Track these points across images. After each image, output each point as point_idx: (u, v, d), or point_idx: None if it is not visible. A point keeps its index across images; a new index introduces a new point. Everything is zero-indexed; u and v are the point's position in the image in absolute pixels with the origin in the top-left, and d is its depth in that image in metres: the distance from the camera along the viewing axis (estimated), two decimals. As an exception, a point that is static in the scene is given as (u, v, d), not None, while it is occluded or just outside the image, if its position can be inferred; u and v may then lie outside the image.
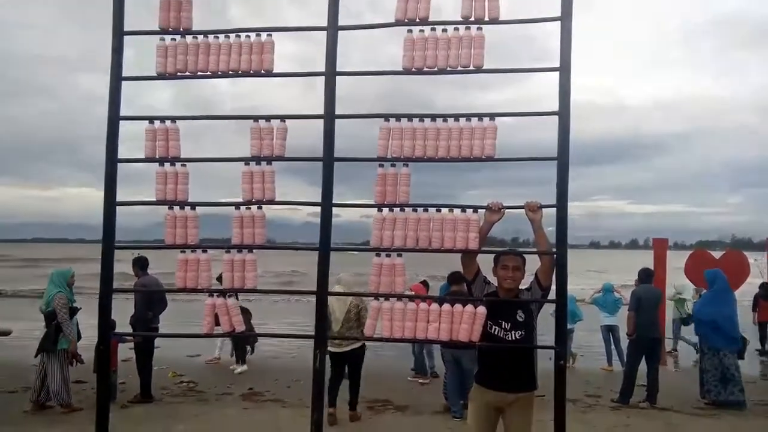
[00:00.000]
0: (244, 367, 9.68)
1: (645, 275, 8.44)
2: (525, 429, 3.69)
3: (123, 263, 5.67)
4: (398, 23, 3.60)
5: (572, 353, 10.36)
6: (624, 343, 9.20)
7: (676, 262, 12.05)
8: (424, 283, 10.33)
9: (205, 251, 3.68)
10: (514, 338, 3.64)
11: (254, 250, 3.68)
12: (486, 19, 3.50)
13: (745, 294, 11.95)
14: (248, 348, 10.37)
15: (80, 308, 6.94)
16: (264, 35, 3.68)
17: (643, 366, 7.89)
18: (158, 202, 3.70)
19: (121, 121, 3.74)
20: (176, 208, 3.69)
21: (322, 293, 3.65)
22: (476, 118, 3.51)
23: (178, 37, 3.73)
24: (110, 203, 3.71)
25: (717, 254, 11.84)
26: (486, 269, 3.77)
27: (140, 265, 7.50)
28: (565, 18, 3.46)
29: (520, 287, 3.73)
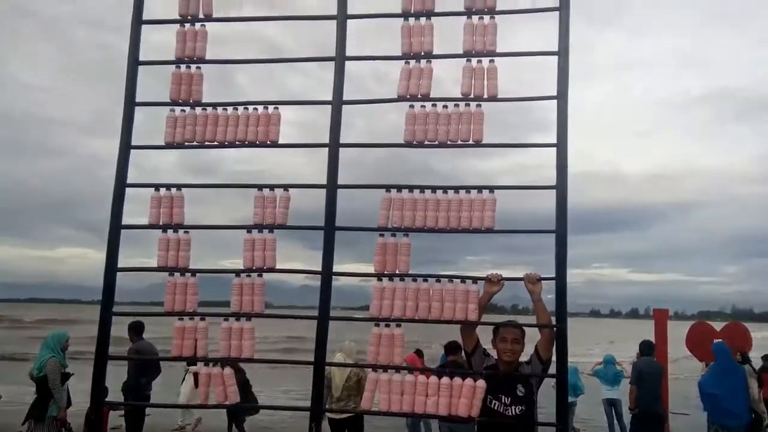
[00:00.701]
0: None
1: (646, 348, 8.30)
2: None
3: (119, 326, 5.58)
4: (401, 99, 3.71)
5: (575, 428, 10.06)
6: (626, 417, 8.95)
7: (677, 332, 11.87)
8: (418, 353, 10.09)
9: (203, 319, 3.66)
10: (514, 413, 3.56)
11: (252, 318, 3.65)
12: (485, 96, 3.62)
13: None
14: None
15: (72, 374, 6.78)
16: (271, 108, 3.79)
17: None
18: (159, 269, 3.71)
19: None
20: (177, 274, 3.69)
21: (320, 363, 3.59)
22: (476, 190, 3.57)
23: (187, 108, 3.83)
24: (111, 269, 3.71)
25: (718, 325, 11.68)
26: (485, 340, 3.73)
27: (135, 330, 7.41)
28: (561, 97, 3.57)
29: (519, 360, 3.68)
